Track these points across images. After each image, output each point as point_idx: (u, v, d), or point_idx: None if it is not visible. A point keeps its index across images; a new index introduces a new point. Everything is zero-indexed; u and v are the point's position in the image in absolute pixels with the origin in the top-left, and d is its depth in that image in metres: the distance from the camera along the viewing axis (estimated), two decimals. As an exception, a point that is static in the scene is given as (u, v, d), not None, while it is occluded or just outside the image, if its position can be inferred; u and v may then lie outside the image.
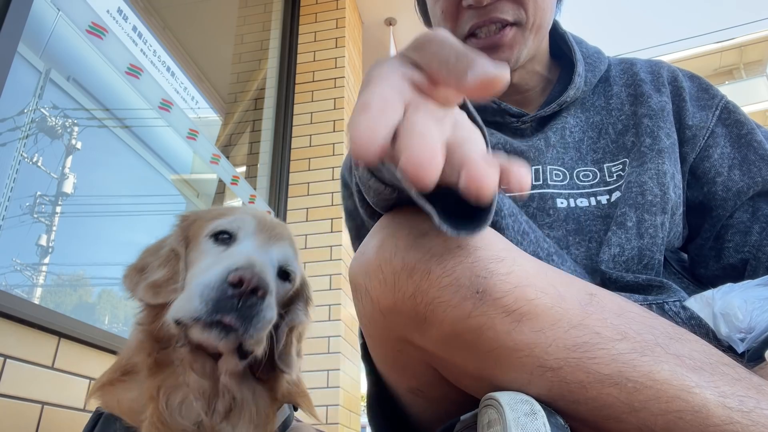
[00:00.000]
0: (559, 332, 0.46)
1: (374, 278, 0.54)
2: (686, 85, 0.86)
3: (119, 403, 0.72)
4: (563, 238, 0.77)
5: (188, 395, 0.71)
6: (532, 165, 0.82)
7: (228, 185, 2.40)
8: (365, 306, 0.57)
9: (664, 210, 0.76)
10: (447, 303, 0.49)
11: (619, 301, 0.50)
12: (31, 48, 1.67)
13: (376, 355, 0.68)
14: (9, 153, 1.58)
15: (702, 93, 0.86)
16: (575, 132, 0.85)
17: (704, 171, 0.82)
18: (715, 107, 0.84)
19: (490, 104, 0.87)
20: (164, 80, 2.39)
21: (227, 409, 0.73)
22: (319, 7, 3.32)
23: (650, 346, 0.44)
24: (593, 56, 0.92)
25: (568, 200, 0.79)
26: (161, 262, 0.78)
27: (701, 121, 0.83)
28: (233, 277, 0.67)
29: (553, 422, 0.43)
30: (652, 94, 0.85)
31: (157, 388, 0.70)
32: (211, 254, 0.78)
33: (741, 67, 16.78)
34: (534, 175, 0.82)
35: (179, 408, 0.70)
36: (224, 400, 0.74)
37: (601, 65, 0.90)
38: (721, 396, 0.41)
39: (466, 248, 0.50)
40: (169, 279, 0.75)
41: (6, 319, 1.12)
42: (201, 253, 0.79)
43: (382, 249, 0.54)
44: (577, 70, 0.86)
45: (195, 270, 0.77)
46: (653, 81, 0.87)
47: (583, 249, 0.76)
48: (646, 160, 0.79)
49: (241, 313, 0.67)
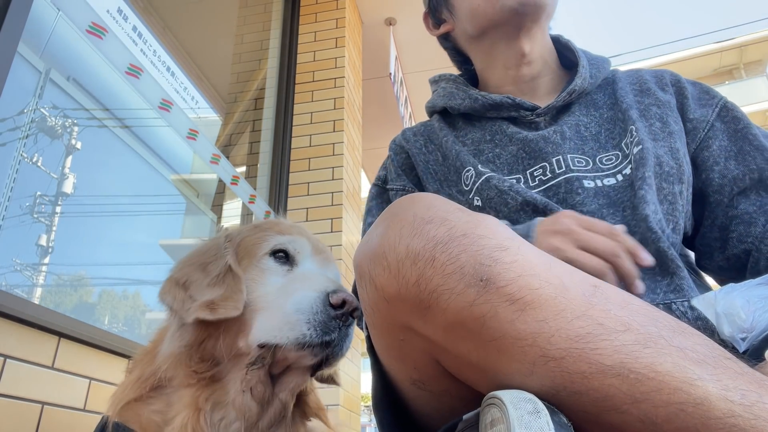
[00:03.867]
0: (562, 322, 0.46)
1: (378, 265, 0.54)
2: (688, 86, 0.94)
3: (139, 417, 0.71)
4: (597, 211, 0.80)
5: (230, 414, 0.71)
6: (552, 156, 0.86)
7: (228, 185, 2.39)
8: (369, 294, 0.58)
9: (681, 180, 0.82)
10: (451, 290, 0.49)
11: (623, 292, 0.50)
12: (31, 48, 1.67)
13: (379, 346, 0.68)
14: (9, 153, 1.58)
15: (703, 94, 0.93)
16: (591, 127, 0.90)
17: (703, 160, 0.88)
18: (716, 105, 0.90)
19: (505, 100, 0.92)
20: (164, 80, 2.39)
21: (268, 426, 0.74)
22: (319, 7, 3.32)
23: (653, 338, 0.44)
24: (597, 59, 1.00)
25: (594, 181, 0.83)
26: (214, 281, 0.76)
27: (702, 116, 0.89)
28: (337, 299, 0.72)
29: (556, 420, 0.43)
30: (657, 91, 0.92)
31: (204, 399, 0.70)
32: (276, 274, 0.79)
33: (741, 67, 16.79)
34: (556, 164, 0.85)
35: (218, 425, 0.69)
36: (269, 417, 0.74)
37: (606, 65, 0.98)
38: (724, 389, 0.41)
39: (471, 236, 0.50)
40: (227, 298, 0.73)
41: (6, 319, 1.12)
42: (263, 272, 0.79)
43: (387, 236, 0.54)
44: (581, 62, 0.94)
45: (264, 290, 0.77)
46: (657, 82, 0.95)
47: (619, 218, 0.79)
48: (658, 138, 0.85)
49: (340, 333, 0.72)
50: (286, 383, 0.75)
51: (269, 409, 0.74)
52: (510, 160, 0.89)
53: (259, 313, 0.74)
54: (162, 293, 0.75)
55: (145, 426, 0.70)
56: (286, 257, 0.82)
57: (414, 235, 0.52)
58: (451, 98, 1.00)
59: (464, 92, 0.98)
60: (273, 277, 0.78)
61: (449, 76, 1.07)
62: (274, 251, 0.81)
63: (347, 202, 2.88)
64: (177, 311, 0.74)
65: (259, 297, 0.76)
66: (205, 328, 0.74)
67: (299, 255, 0.82)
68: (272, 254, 0.81)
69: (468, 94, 0.97)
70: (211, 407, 0.70)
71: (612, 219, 0.79)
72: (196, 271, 0.78)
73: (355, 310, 0.73)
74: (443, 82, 1.07)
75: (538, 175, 0.86)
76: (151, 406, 0.72)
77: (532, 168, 0.87)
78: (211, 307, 0.72)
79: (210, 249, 0.82)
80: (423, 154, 1.00)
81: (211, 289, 0.75)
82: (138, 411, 0.72)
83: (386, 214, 0.58)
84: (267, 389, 0.73)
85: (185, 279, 0.77)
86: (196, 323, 0.74)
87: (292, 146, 2.97)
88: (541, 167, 0.86)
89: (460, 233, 0.50)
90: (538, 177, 0.86)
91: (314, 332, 0.70)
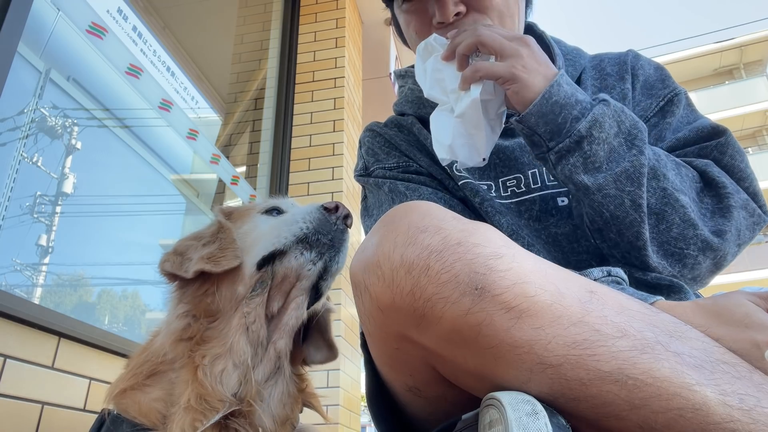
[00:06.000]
0: (559, 329, 0.46)
1: (373, 274, 0.54)
2: (643, 71, 0.90)
3: (138, 405, 0.71)
4: (571, 233, 0.79)
5: (228, 363, 0.70)
6: (528, 169, 0.84)
7: (228, 185, 2.40)
8: (364, 303, 0.58)
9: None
10: (446, 299, 0.49)
11: (620, 298, 0.50)
12: (31, 48, 1.67)
13: (374, 353, 0.68)
14: (9, 153, 1.58)
15: (657, 83, 0.89)
16: None
17: None
18: (662, 98, 0.86)
19: None
20: (164, 80, 2.39)
21: (264, 379, 0.73)
22: (319, 7, 3.32)
23: (650, 343, 0.44)
24: (572, 53, 0.95)
25: (568, 196, 0.81)
26: (208, 240, 0.79)
27: (644, 108, 0.86)
28: (330, 203, 0.76)
29: (554, 422, 0.43)
30: (616, 85, 0.89)
31: (201, 356, 0.70)
32: (269, 221, 0.82)
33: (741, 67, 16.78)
34: (531, 178, 0.84)
35: (220, 376, 0.69)
36: (264, 368, 0.73)
37: (580, 60, 0.94)
38: (722, 394, 0.41)
39: (466, 244, 0.50)
40: (225, 248, 0.76)
41: (6, 319, 1.12)
42: (257, 224, 0.82)
43: (381, 245, 0.54)
44: (557, 63, 0.90)
45: (258, 232, 0.79)
46: (618, 72, 0.91)
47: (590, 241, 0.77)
48: None
49: (335, 236, 0.75)
50: (283, 323, 0.75)
51: (264, 357, 0.73)
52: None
53: (254, 247, 0.77)
54: (162, 262, 0.78)
55: (145, 413, 0.70)
56: (279, 213, 0.85)
57: (408, 244, 0.52)
58: (419, 107, 0.96)
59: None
60: (267, 222, 0.82)
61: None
62: (268, 209, 0.85)
63: (347, 202, 2.88)
64: (176, 272, 0.75)
65: (254, 238, 0.79)
66: (202, 284, 0.76)
67: (291, 208, 0.84)
68: (266, 212, 0.85)
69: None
70: (211, 361, 0.70)
71: (586, 240, 0.78)
72: (193, 241, 0.81)
73: (347, 216, 0.77)
74: (411, 81, 1.00)
75: (511, 186, 0.85)
76: (149, 394, 0.72)
77: (505, 177, 0.85)
78: (213, 260, 0.74)
79: (206, 226, 0.85)
80: (401, 136, 0.94)
81: (206, 247, 0.77)
82: (136, 399, 0.72)
83: (381, 223, 0.58)
84: (262, 330, 0.73)
85: (182, 248, 0.80)
86: (196, 282, 0.76)
87: (292, 146, 2.97)
88: (515, 178, 0.85)
89: (455, 242, 0.50)
90: (511, 188, 0.84)
91: (310, 225, 0.74)
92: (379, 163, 0.93)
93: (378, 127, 0.99)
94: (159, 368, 0.74)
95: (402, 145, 0.93)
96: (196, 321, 0.74)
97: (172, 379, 0.72)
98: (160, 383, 0.73)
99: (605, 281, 0.65)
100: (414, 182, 0.87)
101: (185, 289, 0.78)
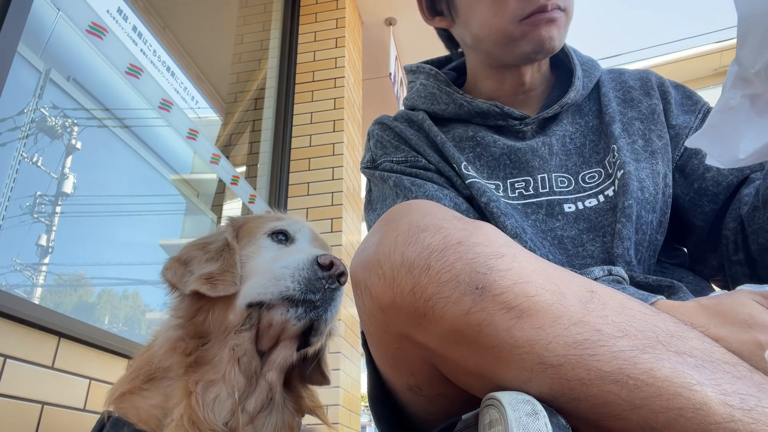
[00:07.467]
0: (559, 329, 0.46)
1: (373, 274, 0.54)
2: (672, 90, 0.92)
3: (138, 410, 0.71)
4: (577, 237, 0.79)
5: (222, 391, 0.70)
6: (538, 173, 0.85)
7: (228, 185, 2.40)
8: (365, 302, 0.58)
9: (654, 209, 0.80)
10: (446, 299, 0.49)
11: (621, 298, 0.50)
12: (31, 48, 1.67)
13: (375, 352, 0.68)
14: (9, 153, 1.58)
15: (686, 99, 0.91)
16: (576, 138, 0.88)
17: (693, 168, 0.85)
18: (699, 111, 0.89)
19: (493, 108, 0.89)
20: (164, 80, 2.39)
21: (257, 410, 0.73)
22: (319, 7, 3.32)
23: (651, 343, 0.44)
24: (588, 63, 0.96)
25: (576, 204, 0.82)
26: (212, 255, 0.78)
27: (685, 122, 0.87)
28: (324, 259, 0.73)
29: (554, 422, 0.43)
30: (642, 99, 0.90)
31: (195, 382, 0.70)
32: (271, 250, 0.81)
33: (741, 67, 16.76)
34: (540, 182, 0.84)
35: (212, 404, 0.69)
36: (257, 398, 0.73)
37: (595, 71, 0.95)
38: (723, 394, 0.41)
39: (466, 244, 0.50)
40: (225, 271, 0.75)
41: (6, 319, 1.12)
42: (259, 249, 0.81)
43: (382, 245, 0.54)
44: (577, 73, 0.90)
45: (257, 261, 0.78)
46: (642, 86, 0.92)
47: (599, 244, 0.78)
48: (640, 159, 0.82)
49: (325, 296, 0.72)
50: (273, 359, 0.75)
51: (256, 387, 0.73)
52: (491, 163, 0.87)
53: (249, 281, 0.75)
54: (164, 270, 0.78)
55: (145, 420, 0.70)
56: (286, 239, 0.84)
57: (409, 243, 0.52)
58: (433, 102, 0.95)
59: (448, 96, 0.93)
60: (268, 252, 0.80)
61: (429, 70, 0.98)
62: (274, 232, 0.84)
63: (347, 202, 2.88)
64: (176, 284, 0.75)
65: (252, 268, 0.77)
66: (197, 301, 0.76)
67: (298, 234, 0.84)
68: (271, 235, 0.84)
69: (452, 98, 0.92)
70: (203, 388, 0.70)
71: (592, 244, 0.78)
72: (198, 250, 0.81)
73: (342, 274, 0.74)
74: (423, 77, 0.99)
75: (519, 187, 0.84)
76: (149, 400, 0.72)
77: (514, 179, 0.85)
78: (211, 282, 0.73)
79: (214, 233, 0.85)
80: (411, 131, 0.93)
81: (208, 263, 0.76)
82: (136, 404, 0.72)
83: (382, 222, 0.58)
84: (254, 362, 0.73)
85: (186, 257, 0.79)
86: (192, 298, 0.75)
87: (292, 146, 2.97)
88: (524, 181, 0.84)
89: (456, 241, 0.50)
90: (519, 190, 0.84)
91: (298, 286, 0.71)
92: (386, 156, 0.92)
93: (388, 120, 0.98)
94: (156, 374, 0.74)
95: (412, 140, 0.91)
96: (190, 339, 0.74)
97: (167, 387, 0.72)
98: (158, 389, 0.73)
99: (606, 280, 0.65)
100: (420, 178, 0.87)
101: (183, 299, 0.78)
